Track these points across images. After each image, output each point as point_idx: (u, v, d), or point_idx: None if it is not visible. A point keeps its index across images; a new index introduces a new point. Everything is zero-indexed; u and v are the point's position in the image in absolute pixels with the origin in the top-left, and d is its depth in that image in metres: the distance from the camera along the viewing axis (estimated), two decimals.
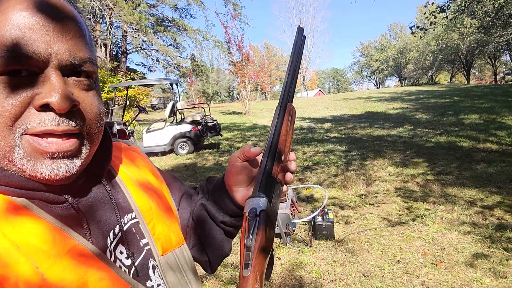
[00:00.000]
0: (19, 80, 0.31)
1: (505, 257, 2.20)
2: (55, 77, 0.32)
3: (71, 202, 0.36)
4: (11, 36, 0.31)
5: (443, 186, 3.63)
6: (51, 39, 0.32)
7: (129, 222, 0.42)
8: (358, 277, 2.13)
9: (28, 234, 0.31)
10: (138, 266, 0.40)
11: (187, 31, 12.55)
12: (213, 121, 7.03)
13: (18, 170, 0.33)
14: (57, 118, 0.32)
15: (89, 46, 0.36)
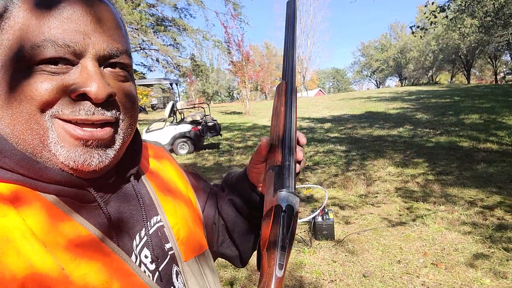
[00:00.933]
0: (56, 68, 0.32)
1: (505, 257, 2.19)
2: (92, 67, 0.32)
3: (99, 202, 0.35)
4: (49, 25, 0.31)
5: (444, 186, 3.62)
6: (89, 29, 0.32)
7: (155, 225, 0.41)
8: (358, 277, 2.13)
9: (57, 234, 0.31)
10: (162, 271, 0.39)
11: (187, 31, 12.54)
12: (213, 121, 7.03)
13: (51, 157, 0.33)
14: (92, 107, 0.32)
15: (125, 39, 0.36)
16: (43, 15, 0.32)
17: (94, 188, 0.36)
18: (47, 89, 0.31)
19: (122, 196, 0.39)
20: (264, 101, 26.40)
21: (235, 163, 5.55)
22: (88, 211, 0.35)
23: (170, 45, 13.41)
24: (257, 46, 36.02)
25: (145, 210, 0.40)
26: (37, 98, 0.31)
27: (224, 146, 7.24)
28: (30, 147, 0.33)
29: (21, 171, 0.32)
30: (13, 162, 0.32)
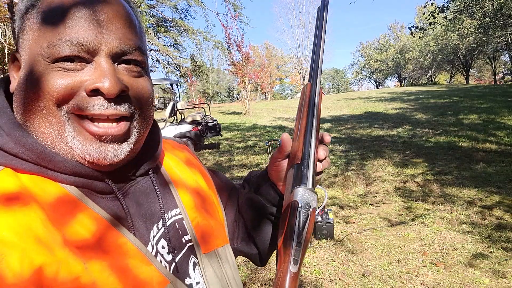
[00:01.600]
0: (72, 65, 0.33)
1: (504, 256, 2.20)
2: (105, 63, 0.34)
3: (117, 193, 0.36)
4: (64, 25, 0.33)
5: (443, 186, 3.64)
6: (102, 27, 0.34)
7: (172, 218, 0.42)
8: (357, 277, 2.14)
9: (75, 224, 0.32)
10: (178, 262, 0.40)
11: (188, 31, 12.55)
12: (213, 121, 7.04)
13: (69, 149, 0.34)
14: (105, 102, 0.34)
15: (138, 36, 0.37)
16: (58, 15, 0.33)
17: (112, 180, 0.37)
18: (62, 85, 0.33)
19: (140, 189, 0.40)
20: (264, 101, 26.41)
21: (235, 163, 5.56)
22: (106, 202, 0.36)
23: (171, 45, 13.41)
24: (257, 47, 36.05)
25: (163, 203, 0.41)
26: (53, 93, 0.33)
27: (224, 146, 7.24)
28: (49, 139, 0.34)
29: (42, 163, 0.34)
30: (35, 155, 0.34)
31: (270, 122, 10.80)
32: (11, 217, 0.29)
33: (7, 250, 0.28)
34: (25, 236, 0.29)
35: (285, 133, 0.46)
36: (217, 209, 0.50)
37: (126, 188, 0.38)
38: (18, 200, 0.31)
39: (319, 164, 0.44)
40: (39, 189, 0.33)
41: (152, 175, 0.42)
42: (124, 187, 0.38)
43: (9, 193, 0.31)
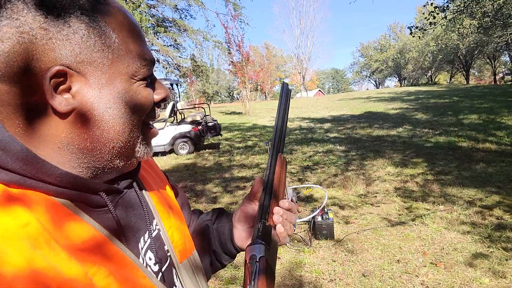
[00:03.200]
0: (149, 81, 0.38)
1: (504, 256, 2.20)
2: (154, 78, 0.40)
3: (109, 206, 0.37)
4: (140, 45, 0.37)
5: (443, 186, 3.64)
6: None
7: (156, 229, 0.44)
8: (357, 277, 2.14)
9: (77, 239, 0.32)
10: (164, 272, 0.41)
11: (188, 31, 12.55)
12: (213, 121, 7.04)
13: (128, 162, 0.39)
14: (159, 109, 0.41)
15: None
16: (132, 35, 0.36)
17: (106, 193, 0.37)
18: (149, 99, 0.38)
19: (127, 201, 0.41)
20: (264, 101, 26.40)
21: (235, 163, 5.56)
22: (99, 215, 0.36)
23: (171, 45, 13.41)
24: (257, 47, 36.03)
25: (148, 215, 0.42)
26: (146, 107, 0.38)
27: (224, 146, 7.24)
28: (126, 149, 0.38)
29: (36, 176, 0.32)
30: (31, 167, 0.31)
31: (270, 122, 10.80)
32: (10, 216, 0.29)
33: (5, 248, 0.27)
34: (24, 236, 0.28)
35: (259, 177, 0.49)
36: (183, 219, 0.52)
37: (115, 200, 0.39)
38: (17, 201, 0.30)
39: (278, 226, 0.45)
40: (32, 202, 0.31)
41: (135, 186, 0.42)
42: (114, 199, 0.38)
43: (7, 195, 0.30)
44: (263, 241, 0.40)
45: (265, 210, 0.44)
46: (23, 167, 0.31)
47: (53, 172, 0.32)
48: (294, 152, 6.02)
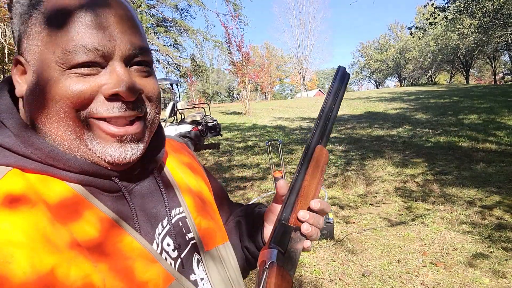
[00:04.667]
0: (88, 71, 0.34)
1: (504, 256, 2.20)
2: (121, 68, 0.35)
3: (124, 192, 0.37)
4: (77, 30, 0.33)
5: (443, 186, 3.63)
6: (114, 31, 0.34)
7: (176, 216, 0.43)
8: (357, 277, 2.14)
9: (86, 225, 0.33)
10: (183, 259, 0.41)
11: (188, 31, 12.55)
12: (213, 121, 7.04)
13: (88, 151, 0.35)
14: (124, 105, 0.35)
15: (143, 36, 0.38)
16: (68, 20, 0.33)
17: (119, 178, 0.37)
18: (81, 90, 0.34)
19: (145, 187, 0.41)
20: (264, 101, 26.40)
21: (235, 163, 5.56)
22: (112, 200, 0.37)
23: (171, 45, 13.42)
24: (257, 47, 36.05)
25: (168, 201, 0.42)
26: (72, 98, 0.33)
27: (224, 146, 7.24)
28: (67, 142, 0.35)
29: (51, 162, 0.34)
30: (43, 154, 0.34)
31: (270, 122, 10.80)
32: (19, 218, 0.30)
33: (16, 251, 0.28)
34: (33, 236, 0.29)
35: (281, 180, 0.46)
36: (216, 210, 0.51)
37: (131, 187, 0.39)
38: (25, 201, 0.31)
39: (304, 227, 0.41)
40: (47, 189, 0.33)
41: (156, 174, 0.42)
42: (129, 186, 0.39)
43: (16, 194, 0.31)
44: (278, 244, 0.37)
45: (287, 210, 0.39)
46: (42, 157, 0.34)
47: (62, 157, 0.34)
48: (294, 152, 6.02)
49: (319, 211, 0.42)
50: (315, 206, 0.41)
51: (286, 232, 0.39)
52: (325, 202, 0.43)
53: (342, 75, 0.44)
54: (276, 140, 3.13)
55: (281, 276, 0.36)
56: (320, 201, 0.42)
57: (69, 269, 0.29)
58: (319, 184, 0.42)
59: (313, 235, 0.42)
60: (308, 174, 0.41)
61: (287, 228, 0.39)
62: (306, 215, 0.41)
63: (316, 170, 0.42)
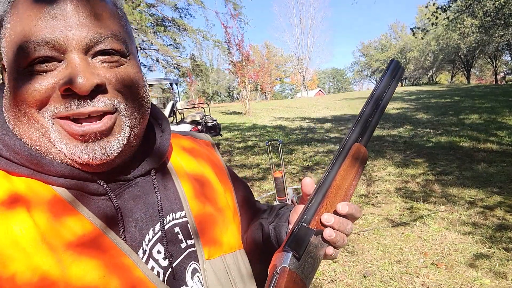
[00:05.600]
0: (43, 67, 0.31)
1: (505, 257, 2.19)
2: (76, 59, 0.32)
3: (110, 194, 0.35)
4: (29, 26, 0.31)
5: (444, 186, 3.62)
6: (66, 21, 0.32)
7: (174, 221, 0.40)
8: (358, 278, 2.13)
9: (62, 229, 0.32)
10: (175, 268, 0.37)
11: (187, 31, 12.54)
12: (213, 121, 7.04)
13: (59, 153, 0.33)
14: (81, 100, 0.32)
15: (111, 21, 0.34)
16: (24, 17, 0.32)
17: (108, 180, 0.35)
18: (36, 89, 0.31)
19: (139, 189, 0.38)
20: (264, 101, 26.40)
21: (235, 163, 5.55)
22: (99, 203, 0.35)
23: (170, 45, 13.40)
24: (257, 46, 36.03)
25: (164, 205, 0.39)
26: (29, 99, 0.32)
27: (224, 146, 7.23)
28: (38, 144, 0.33)
29: (31, 166, 0.33)
30: (23, 158, 0.33)
31: (270, 122, 10.79)
32: (13, 222, 0.29)
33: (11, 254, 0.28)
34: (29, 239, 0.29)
35: (307, 178, 0.40)
36: (230, 214, 0.47)
37: (122, 188, 0.37)
38: (7, 208, 0.30)
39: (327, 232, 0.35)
40: (31, 192, 0.32)
41: (153, 175, 0.39)
42: (120, 188, 0.36)
43: (10, 198, 0.30)
44: (294, 248, 0.33)
45: (310, 211, 0.35)
46: (22, 161, 0.33)
47: (40, 161, 0.33)
48: (294, 152, 6.01)
49: (347, 215, 0.37)
50: (343, 210, 0.36)
51: (304, 235, 0.34)
52: (355, 206, 0.37)
53: (395, 69, 0.40)
54: (276, 140, 3.12)
55: (293, 283, 0.33)
56: (348, 204, 0.37)
57: (35, 274, 0.29)
58: (351, 186, 0.37)
59: (338, 242, 0.36)
60: (339, 174, 0.36)
61: (306, 230, 0.35)
62: (331, 219, 0.35)
63: (350, 171, 0.37)
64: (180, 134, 0.50)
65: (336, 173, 0.36)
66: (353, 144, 0.37)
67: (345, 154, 0.37)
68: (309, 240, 0.34)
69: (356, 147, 0.37)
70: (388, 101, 0.39)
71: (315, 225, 0.35)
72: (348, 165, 0.37)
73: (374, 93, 0.39)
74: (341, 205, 0.36)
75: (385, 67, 0.40)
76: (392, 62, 0.40)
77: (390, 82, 0.39)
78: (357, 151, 0.37)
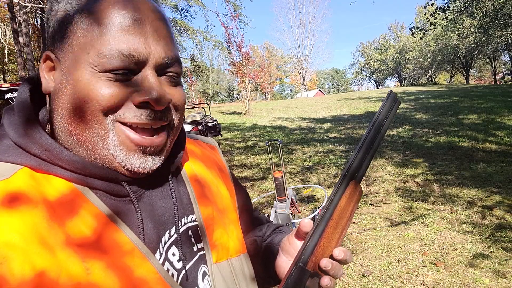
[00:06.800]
0: (121, 76, 0.34)
1: (504, 256, 2.20)
2: (153, 76, 0.35)
3: (131, 197, 0.36)
4: (114, 35, 0.33)
5: (443, 186, 3.63)
6: (149, 39, 0.34)
7: (187, 224, 0.41)
8: (357, 277, 2.14)
9: (85, 231, 0.32)
10: (188, 271, 0.39)
11: (188, 31, 12.56)
12: (213, 121, 7.05)
13: (109, 156, 0.34)
14: (152, 113, 0.35)
15: (176, 46, 0.38)
16: (106, 23, 0.33)
17: (129, 183, 0.37)
18: (112, 95, 0.33)
19: (157, 193, 0.39)
20: (264, 101, 26.39)
21: (235, 163, 5.56)
22: (118, 204, 0.36)
23: None
24: (257, 47, 36.05)
25: (179, 209, 0.40)
26: (102, 101, 0.33)
27: (224, 147, 7.24)
28: (91, 144, 0.34)
29: (59, 163, 0.34)
30: (52, 155, 0.34)
31: (270, 122, 10.80)
32: (16, 219, 0.29)
33: (10, 253, 0.28)
34: (28, 238, 0.29)
35: (305, 218, 0.42)
36: (235, 218, 0.49)
37: (141, 191, 0.38)
38: (26, 202, 0.31)
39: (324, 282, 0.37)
40: (52, 189, 0.33)
41: (170, 179, 0.41)
42: (139, 191, 0.38)
43: (19, 194, 0.31)
44: None
45: (307, 251, 0.35)
46: (45, 154, 0.34)
47: (68, 158, 0.34)
48: (294, 152, 6.02)
49: (341, 260, 0.38)
50: (339, 256, 0.37)
51: (301, 279, 0.35)
52: (349, 252, 0.39)
53: (392, 102, 0.40)
54: (276, 140, 3.12)
55: None
56: (344, 251, 0.38)
57: (60, 274, 0.29)
58: (346, 225, 0.38)
59: (331, 287, 0.37)
60: (336, 212, 0.37)
61: (303, 272, 0.35)
62: (329, 265, 0.36)
63: (346, 209, 0.37)
64: (189, 139, 0.51)
65: (333, 212, 0.37)
66: (349, 182, 0.38)
67: (342, 191, 0.38)
68: (305, 284, 0.35)
69: (353, 185, 0.38)
70: (383, 136, 0.39)
71: (311, 266, 0.36)
72: (344, 204, 0.37)
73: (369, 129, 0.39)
74: (338, 251, 0.37)
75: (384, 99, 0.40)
76: (389, 94, 0.40)
77: (386, 116, 0.39)
78: (353, 189, 0.38)
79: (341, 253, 0.37)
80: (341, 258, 0.37)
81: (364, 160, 0.38)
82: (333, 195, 0.38)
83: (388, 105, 0.40)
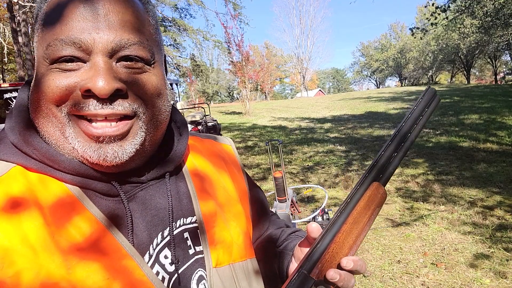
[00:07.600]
0: (68, 66, 0.33)
1: (505, 257, 2.19)
2: (100, 62, 0.32)
3: (122, 196, 0.35)
4: (60, 25, 0.33)
5: (444, 186, 3.63)
6: (97, 23, 0.33)
7: (183, 226, 0.39)
8: (358, 277, 2.13)
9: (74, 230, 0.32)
10: (181, 274, 0.37)
11: (187, 31, 12.56)
12: (213, 121, 7.05)
13: (72, 150, 0.34)
14: (100, 102, 0.33)
15: (140, 29, 0.35)
16: (55, 15, 0.33)
17: (120, 182, 0.36)
18: (58, 86, 0.33)
19: (151, 193, 0.38)
20: (264, 101, 26.40)
21: None
22: (108, 204, 0.35)
23: (170, 45, 13.41)
24: (257, 46, 36.04)
25: (177, 209, 0.39)
26: (50, 94, 0.33)
27: None
28: (54, 139, 0.34)
29: (47, 163, 0.34)
30: (40, 154, 0.34)
31: (270, 122, 10.79)
32: (13, 222, 0.30)
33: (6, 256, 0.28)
34: (24, 241, 0.29)
35: (313, 223, 0.38)
36: (244, 222, 0.46)
37: (135, 191, 0.37)
38: (20, 206, 0.31)
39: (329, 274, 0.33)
40: (44, 189, 0.33)
41: (168, 179, 0.39)
42: (133, 190, 0.37)
43: (12, 198, 0.31)
44: None
45: (312, 258, 0.32)
46: (40, 157, 0.34)
47: (57, 158, 0.34)
48: (295, 152, 6.01)
49: (352, 270, 0.33)
50: (346, 266, 0.33)
51: (303, 286, 0.31)
52: (361, 261, 0.33)
53: (429, 99, 0.36)
54: (276, 140, 3.12)
55: None
56: (354, 260, 0.33)
57: (39, 275, 0.29)
58: (363, 231, 0.33)
59: None
60: (351, 216, 0.32)
61: (306, 279, 0.31)
62: (336, 277, 0.32)
63: (364, 214, 0.33)
64: (200, 137, 0.50)
65: (348, 216, 0.32)
66: (371, 183, 0.33)
67: (361, 193, 0.33)
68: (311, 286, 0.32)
69: (375, 187, 0.33)
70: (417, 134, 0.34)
71: (316, 273, 0.32)
72: (362, 207, 0.33)
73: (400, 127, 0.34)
74: (346, 261, 0.33)
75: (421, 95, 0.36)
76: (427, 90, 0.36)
77: (423, 112, 0.35)
78: (375, 191, 0.33)
79: (350, 262, 0.33)
80: (350, 268, 0.33)
81: (392, 159, 0.33)
82: (349, 197, 0.33)
83: (425, 100, 0.35)
